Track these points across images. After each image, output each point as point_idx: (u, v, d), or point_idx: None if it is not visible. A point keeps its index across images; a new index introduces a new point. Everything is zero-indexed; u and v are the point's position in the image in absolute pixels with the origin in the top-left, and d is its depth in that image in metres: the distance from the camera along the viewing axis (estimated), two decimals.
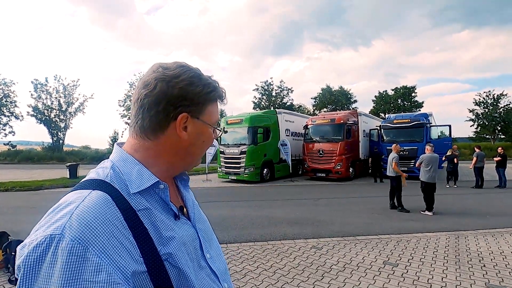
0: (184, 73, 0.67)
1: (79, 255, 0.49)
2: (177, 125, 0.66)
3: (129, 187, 0.63)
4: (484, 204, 8.37)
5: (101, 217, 0.54)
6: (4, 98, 29.96)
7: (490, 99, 35.96)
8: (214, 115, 0.73)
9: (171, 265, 0.61)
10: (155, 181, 0.65)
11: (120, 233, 0.56)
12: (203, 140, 0.73)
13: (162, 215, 0.65)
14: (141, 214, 0.61)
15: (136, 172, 0.65)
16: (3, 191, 10.64)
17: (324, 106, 42.94)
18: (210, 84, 0.70)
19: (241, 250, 4.54)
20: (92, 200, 0.56)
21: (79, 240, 0.50)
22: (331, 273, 3.73)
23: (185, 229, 0.70)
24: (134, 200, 0.62)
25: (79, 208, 0.54)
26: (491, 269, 3.85)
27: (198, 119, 0.70)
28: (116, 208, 0.57)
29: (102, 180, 0.62)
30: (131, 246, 0.56)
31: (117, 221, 0.56)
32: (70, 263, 0.48)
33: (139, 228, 0.59)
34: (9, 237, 3.96)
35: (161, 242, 0.61)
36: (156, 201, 0.66)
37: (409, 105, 40.56)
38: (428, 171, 7.04)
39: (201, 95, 0.68)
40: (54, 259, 0.48)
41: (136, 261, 0.56)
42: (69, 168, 13.55)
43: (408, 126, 14.18)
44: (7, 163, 25.93)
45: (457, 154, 12.98)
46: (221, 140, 14.10)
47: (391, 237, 5.20)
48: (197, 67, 0.72)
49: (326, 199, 9.43)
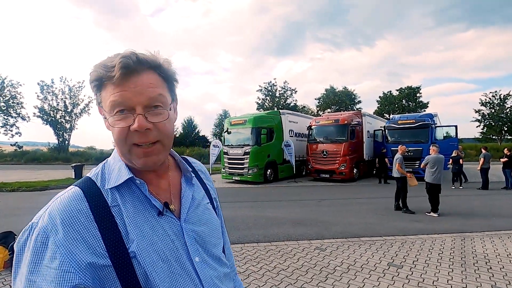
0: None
1: (42, 242, 0.56)
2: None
3: (106, 183, 0.66)
4: (490, 206, 8.26)
5: (65, 212, 0.59)
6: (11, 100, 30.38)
7: (497, 99, 35.55)
8: (105, 101, 0.64)
9: (138, 264, 0.61)
10: (129, 177, 0.66)
11: (82, 226, 0.59)
12: (111, 127, 0.66)
13: (135, 213, 0.65)
14: (114, 210, 0.63)
15: (117, 169, 0.68)
16: (10, 191, 10.78)
17: (328, 106, 42.82)
18: (96, 66, 0.63)
19: (245, 251, 4.53)
20: (65, 196, 0.62)
21: (44, 230, 0.57)
22: (335, 274, 3.71)
23: (163, 228, 0.67)
24: (111, 196, 0.64)
25: (55, 202, 0.62)
26: (498, 271, 3.80)
27: (102, 107, 0.67)
28: (85, 204, 0.61)
29: (88, 177, 0.68)
30: (93, 240, 0.59)
31: (81, 216, 0.60)
32: (35, 248, 0.56)
33: (108, 223, 0.61)
34: (15, 237, 4.00)
35: (128, 240, 0.61)
36: (137, 197, 0.67)
37: (414, 105, 40.26)
38: (433, 172, 6.97)
39: (90, 81, 0.65)
40: (29, 244, 0.57)
41: (98, 254, 0.58)
42: (74, 168, 13.67)
43: (413, 126, 14.07)
44: (13, 163, 26.28)
45: (462, 155, 12.85)
46: (224, 141, 14.14)
47: (395, 239, 5.16)
48: (128, 49, 0.65)
49: (330, 200, 9.39)
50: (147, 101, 0.63)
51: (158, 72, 0.67)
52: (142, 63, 0.64)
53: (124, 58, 0.61)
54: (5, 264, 3.79)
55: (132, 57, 0.62)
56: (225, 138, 14.16)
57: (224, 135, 14.18)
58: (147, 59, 0.65)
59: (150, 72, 0.65)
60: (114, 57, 0.63)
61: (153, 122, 0.64)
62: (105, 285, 0.58)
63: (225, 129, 14.25)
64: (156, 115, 0.65)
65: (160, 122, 0.65)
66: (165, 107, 0.67)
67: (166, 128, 0.67)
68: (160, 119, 0.65)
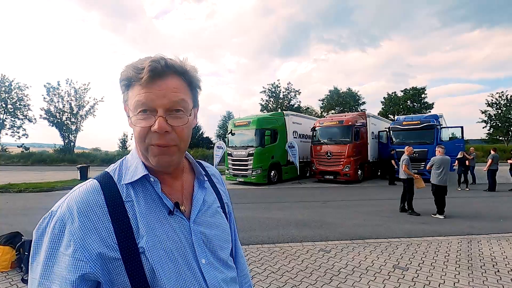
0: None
1: (59, 230, 0.60)
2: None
3: (123, 178, 0.69)
4: (497, 208, 8.15)
5: (82, 202, 0.63)
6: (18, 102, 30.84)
7: (503, 100, 35.14)
8: (131, 100, 0.67)
9: (146, 260, 0.62)
10: (144, 174, 0.69)
11: (97, 217, 0.62)
12: (133, 126, 0.68)
13: (147, 209, 0.67)
14: (128, 205, 0.65)
15: (134, 166, 0.71)
16: (17, 192, 10.91)
17: (332, 108, 42.71)
18: (127, 66, 0.67)
19: (249, 253, 4.53)
20: (83, 188, 0.66)
21: (62, 218, 0.61)
22: (339, 276, 3.69)
23: (172, 227, 0.68)
24: (126, 192, 0.67)
25: (73, 193, 0.65)
26: (506, 274, 3.74)
27: (127, 106, 0.70)
28: (101, 196, 0.64)
29: (107, 171, 0.71)
30: (105, 232, 0.61)
31: (96, 207, 0.63)
32: (53, 235, 0.60)
33: (121, 217, 0.63)
34: (23, 237, 4.05)
35: (138, 235, 0.63)
36: (149, 195, 0.69)
37: (419, 106, 39.99)
38: (439, 173, 6.91)
39: (120, 80, 0.68)
40: (47, 230, 0.61)
41: (108, 246, 0.61)
42: (80, 169, 13.82)
43: (418, 128, 13.95)
44: (20, 165, 26.59)
45: (470, 157, 12.72)
46: (228, 142, 14.16)
47: (401, 241, 5.11)
48: (158, 54, 0.68)
49: (334, 201, 9.34)
50: (169, 104, 0.66)
51: (183, 78, 0.69)
52: (169, 67, 0.66)
53: (153, 62, 0.64)
54: (12, 264, 3.83)
55: (161, 62, 0.65)
56: (229, 139, 14.19)
57: (228, 136, 14.21)
58: (174, 64, 0.67)
59: (175, 77, 0.68)
60: (145, 59, 0.65)
61: (173, 126, 0.66)
62: (113, 278, 0.60)
63: (229, 131, 14.28)
64: (176, 119, 0.67)
65: (179, 126, 0.67)
66: (186, 112, 0.69)
67: (184, 133, 0.69)
68: (180, 123, 0.67)
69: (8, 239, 3.93)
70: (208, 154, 26.12)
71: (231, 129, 14.08)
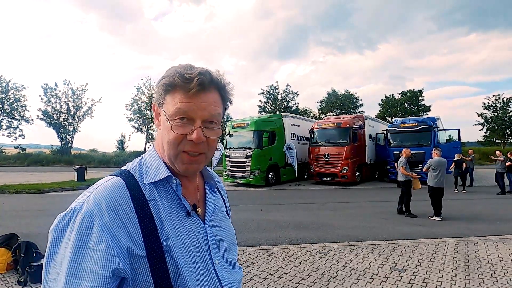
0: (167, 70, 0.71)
1: (88, 225, 0.59)
2: (154, 114, 0.75)
3: (145, 178, 0.70)
4: (494, 210, 8.20)
5: (110, 198, 0.62)
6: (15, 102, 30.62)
7: (500, 102, 35.39)
8: (169, 105, 0.69)
9: (171, 258, 0.64)
10: (167, 175, 0.70)
11: (125, 214, 0.62)
12: (165, 129, 0.70)
13: (170, 209, 0.69)
14: (151, 204, 0.66)
15: (155, 166, 0.72)
16: (13, 193, 10.82)
17: (330, 110, 42.78)
18: (169, 72, 0.69)
19: (247, 254, 4.52)
20: (109, 184, 0.66)
21: (89, 213, 0.60)
22: (337, 278, 3.69)
23: (191, 228, 0.71)
24: (148, 190, 0.68)
25: (98, 188, 0.65)
26: (502, 276, 3.76)
27: (161, 108, 0.72)
28: (127, 193, 0.65)
29: (126, 169, 0.72)
30: (133, 228, 0.62)
31: (124, 204, 0.63)
32: (81, 231, 0.58)
33: (146, 215, 0.64)
34: (19, 239, 4.01)
35: (163, 234, 0.65)
36: (170, 195, 0.71)
37: (416, 109, 40.16)
38: (436, 175, 6.95)
39: (159, 84, 0.71)
40: (73, 226, 0.59)
41: (136, 243, 0.61)
42: (77, 171, 13.74)
43: (415, 130, 14.02)
44: (17, 166, 26.38)
45: (468, 159, 12.79)
46: (226, 144, 14.15)
47: (398, 243, 5.13)
48: (202, 67, 0.72)
49: (332, 203, 9.35)
50: (208, 116, 0.69)
51: (221, 93, 0.74)
52: (213, 82, 0.71)
53: (202, 76, 0.67)
54: (8, 266, 3.80)
55: (207, 75, 0.68)
56: (227, 141, 14.18)
57: (226, 138, 14.20)
58: (217, 80, 0.72)
59: (216, 92, 0.72)
60: (190, 69, 0.69)
61: (207, 136, 0.70)
62: (136, 276, 0.61)
63: (227, 132, 14.28)
64: (211, 130, 0.71)
65: (212, 138, 0.72)
66: (218, 124, 0.73)
67: (214, 143, 0.74)
68: (213, 135, 0.71)
69: (4, 241, 3.90)
70: None
71: (229, 131, 14.08)
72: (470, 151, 13.85)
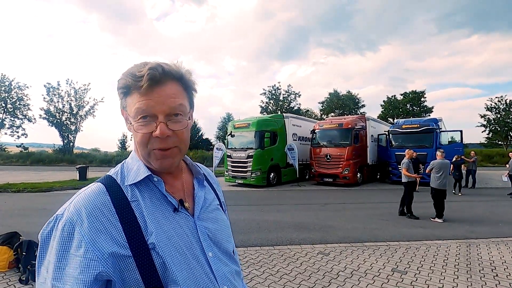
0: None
1: (68, 232, 0.61)
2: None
3: (126, 180, 0.71)
4: (496, 212, 8.15)
5: (89, 204, 0.64)
6: (18, 101, 30.79)
7: (502, 104, 35.25)
8: (130, 107, 0.69)
9: (157, 255, 0.64)
10: (147, 175, 0.71)
11: (106, 218, 0.63)
12: (134, 131, 0.70)
13: (153, 207, 0.69)
14: (134, 205, 0.67)
15: (136, 168, 0.73)
16: (15, 192, 10.88)
17: (331, 110, 42.72)
18: (123, 74, 0.68)
19: (247, 255, 4.52)
20: (88, 191, 0.67)
21: (70, 220, 0.62)
22: (338, 279, 3.68)
23: (179, 223, 0.71)
24: (130, 192, 0.69)
25: (79, 196, 0.66)
26: (504, 279, 3.74)
27: (126, 111, 0.72)
28: (108, 197, 0.66)
29: (109, 174, 0.73)
30: (116, 231, 0.63)
31: (104, 208, 0.64)
32: (62, 238, 0.61)
33: (128, 216, 0.65)
34: (20, 238, 4.03)
35: (147, 232, 0.65)
36: (154, 194, 0.72)
37: (418, 110, 40.04)
38: (438, 177, 6.91)
39: (118, 87, 0.70)
40: (55, 233, 0.62)
41: (119, 245, 0.62)
42: (79, 170, 13.78)
43: (418, 131, 13.96)
44: (19, 164, 26.52)
45: (470, 160, 12.73)
46: (228, 144, 14.16)
47: (400, 244, 5.11)
48: (154, 61, 0.69)
49: (333, 204, 9.33)
50: (169, 110, 0.68)
51: (180, 83, 0.72)
52: (166, 74, 0.68)
53: (151, 70, 0.65)
54: (10, 265, 3.81)
55: (159, 69, 0.66)
56: (228, 141, 14.19)
57: (228, 138, 14.20)
58: (171, 70, 0.70)
59: (173, 83, 0.70)
60: (142, 66, 0.67)
61: (173, 130, 0.69)
62: (125, 276, 0.62)
63: (228, 132, 14.28)
64: (176, 123, 0.70)
65: (179, 130, 0.71)
66: (184, 116, 0.72)
67: (184, 135, 0.73)
68: (180, 127, 0.71)
69: (5, 239, 3.92)
70: (207, 156, 26.07)
71: (231, 131, 14.08)
72: (473, 153, 13.79)
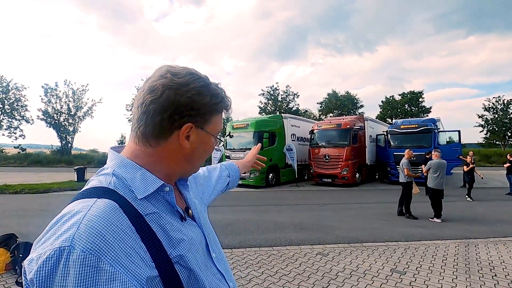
0: (193, 81, 0.65)
1: (93, 266, 0.47)
2: (180, 134, 0.65)
3: (135, 192, 0.62)
4: (494, 212, 8.18)
5: (111, 225, 0.52)
6: (15, 102, 30.64)
7: (500, 104, 35.43)
8: (218, 125, 0.73)
9: (182, 267, 0.62)
10: (160, 184, 0.64)
11: (132, 239, 0.54)
12: (205, 149, 0.72)
13: (170, 218, 0.66)
14: (148, 219, 0.60)
15: (139, 177, 0.64)
16: (13, 193, 10.82)
17: (330, 111, 42.79)
18: (218, 94, 0.70)
19: (246, 255, 4.51)
20: (99, 208, 0.54)
21: (91, 251, 0.48)
22: (337, 280, 3.68)
23: (192, 230, 0.71)
24: (141, 205, 0.61)
25: (86, 217, 0.52)
26: (503, 278, 3.75)
27: (202, 129, 0.69)
28: (124, 215, 0.56)
29: (106, 187, 0.60)
30: (143, 252, 0.55)
31: (127, 228, 0.55)
32: (84, 275, 0.47)
33: (147, 232, 0.58)
34: (17, 239, 4.00)
35: (171, 245, 0.62)
36: (163, 204, 0.66)
37: (416, 110, 40.17)
38: (436, 177, 6.93)
39: (208, 105, 0.67)
40: (66, 271, 0.47)
41: (149, 266, 0.55)
42: (77, 171, 13.74)
43: (416, 131, 14.00)
44: (17, 166, 26.38)
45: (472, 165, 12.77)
46: (226, 145, 14.14)
47: (398, 244, 5.11)
48: (205, 75, 0.71)
49: (332, 204, 9.34)
50: None
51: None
52: None
53: (228, 99, 0.75)
54: (6, 267, 3.78)
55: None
56: (227, 141, 14.18)
57: (226, 138, 14.20)
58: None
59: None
60: (220, 91, 0.72)
61: None
62: None
63: (227, 133, 14.27)
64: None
65: None
66: None
67: None
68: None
69: (2, 241, 3.89)
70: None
71: (229, 131, 14.07)
72: (471, 153, 13.84)
